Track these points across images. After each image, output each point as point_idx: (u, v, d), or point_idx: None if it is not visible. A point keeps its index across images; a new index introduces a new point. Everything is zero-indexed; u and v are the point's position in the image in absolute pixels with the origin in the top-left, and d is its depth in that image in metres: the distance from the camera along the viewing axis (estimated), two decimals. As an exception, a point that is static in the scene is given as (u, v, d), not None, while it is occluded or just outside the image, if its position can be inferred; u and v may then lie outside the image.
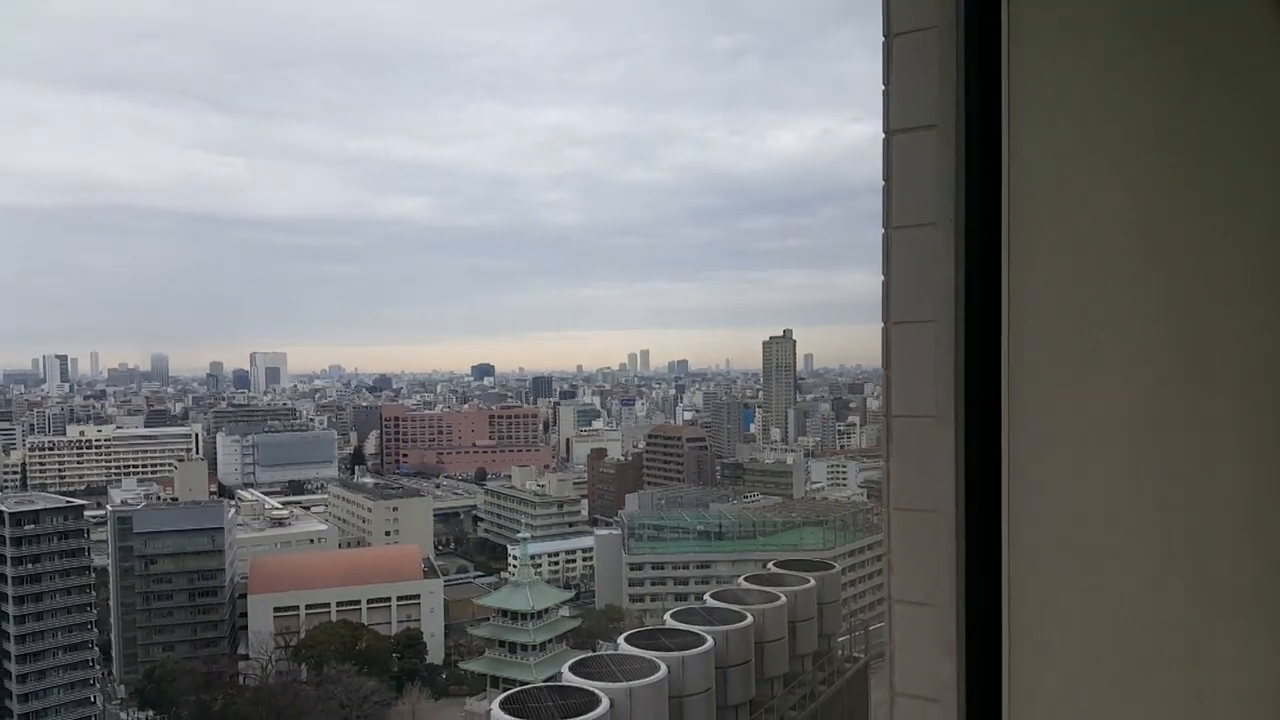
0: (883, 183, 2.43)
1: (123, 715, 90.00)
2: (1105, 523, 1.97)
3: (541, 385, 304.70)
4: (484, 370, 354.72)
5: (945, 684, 2.26)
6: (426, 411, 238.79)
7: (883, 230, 2.43)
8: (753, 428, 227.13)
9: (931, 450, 2.30)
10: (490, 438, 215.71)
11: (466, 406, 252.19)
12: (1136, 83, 1.90)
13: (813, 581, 44.91)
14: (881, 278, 2.45)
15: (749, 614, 40.12)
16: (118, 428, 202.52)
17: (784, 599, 42.06)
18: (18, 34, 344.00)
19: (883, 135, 2.41)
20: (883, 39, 2.37)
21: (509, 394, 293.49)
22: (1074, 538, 2.00)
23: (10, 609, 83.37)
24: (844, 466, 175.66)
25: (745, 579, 49.05)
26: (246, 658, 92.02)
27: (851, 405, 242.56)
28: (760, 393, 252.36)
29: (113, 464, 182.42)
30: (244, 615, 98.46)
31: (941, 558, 2.27)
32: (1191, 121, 1.84)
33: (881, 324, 2.45)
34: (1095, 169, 1.96)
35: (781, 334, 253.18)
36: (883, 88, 2.40)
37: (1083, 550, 1.99)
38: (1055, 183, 2.00)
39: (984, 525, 2.15)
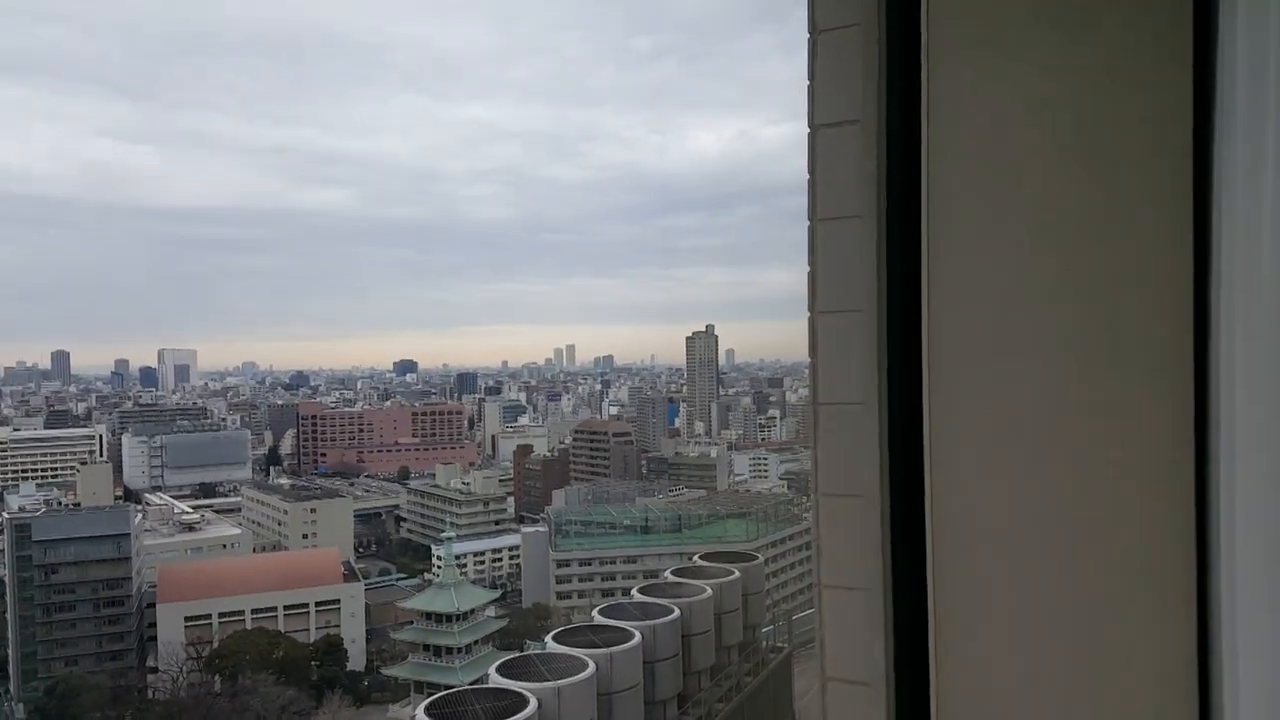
0: (808, 176, 2.48)
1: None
2: (1023, 504, 2.02)
3: (466, 381, 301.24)
4: (406, 366, 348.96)
5: (875, 666, 2.29)
6: (346, 409, 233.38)
7: (808, 223, 2.48)
8: (677, 422, 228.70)
9: (858, 436, 2.34)
10: (413, 435, 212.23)
11: (388, 403, 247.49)
12: (1052, 80, 1.96)
13: (737, 573, 45.45)
14: (808, 269, 2.50)
15: (676, 608, 40.39)
16: (15, 429, 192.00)
17: (709, 591, 42.48)
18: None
19: (808, 130, 2.46)
20: (808, 35, 2.42)
21: (433, 390, 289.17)
22: (994, 519, 2.04)
23: (-103, 624, 79.20)
24: (765, 459, 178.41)
25: (672, 572, 49.38)
26: (156, 670, 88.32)
27: (771, 399, 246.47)
28: (684, 387, 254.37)
29: (9, 468, 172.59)
30: (153, 626, 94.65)
31: (869, 542, 2.31)
32: (1105, 118, 1.92)
33: (808, 314, 2.50)
34: (1012, 163, 2.00)
35: (704, 329, 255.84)
36: (808, 83, 2.45)
37: (1002, 531, 2.03)
38: (973, 176, 2.04)
39: (909, 509, 2.21)
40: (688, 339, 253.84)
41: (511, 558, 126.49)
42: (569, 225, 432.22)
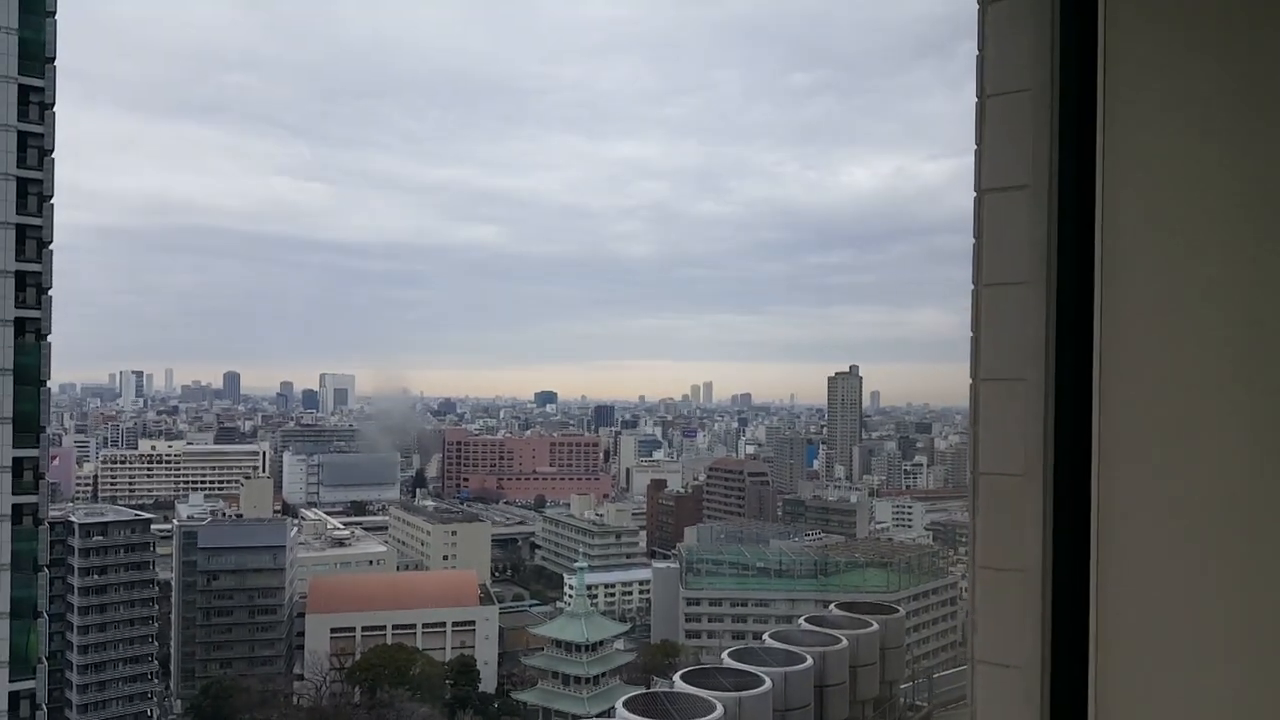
0: (973, 240, 2.45)
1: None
2: (1195, 588, 1.94)
3: (603, 414, 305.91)
4: (547, 397, 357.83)
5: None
6: (489, 436, 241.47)
7: (973, 287, 2.45)
8: (816, 464, 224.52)
9: (1018, 509, 2.27)
10: (551, 465, 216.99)
11: (528, 433, 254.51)
12: (1234, 149, 1.90)
13: (876, 625, 43.94)
14: (970, 335, 2.46)
15: (809, 656, 39.35)
16: (188, 443, 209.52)
17: (845, 642, 41.21)
18: (117, 63, 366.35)
19: (974, 194, 2.43)
20: (975, 100, 2.41)
21: (571, 421, 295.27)
22: (1165, 607, 1.96)
23: (75, 619, 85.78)
24: (910, 507, 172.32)
25: (806, 619, 48.20)
26: (302, 677, 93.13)
27: (918, 445, 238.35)
28: (824, 429, 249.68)
29: (181, 479, 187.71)
30: (301, 634, 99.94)
31: (1027, 618, 2.24)
32: None
33: (969, 380, 2.46)
34: (1190, 234, 1.94)
35: (848, 369, 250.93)
36: (975, 147, 2.43)
37: (1174, 622, 1.96)
38: (1149, 246, 1.98)
39: (1073, 587, 2.13)
40: (830, 379, 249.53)
41: (642, 592, 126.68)
42: (713, 260, 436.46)
